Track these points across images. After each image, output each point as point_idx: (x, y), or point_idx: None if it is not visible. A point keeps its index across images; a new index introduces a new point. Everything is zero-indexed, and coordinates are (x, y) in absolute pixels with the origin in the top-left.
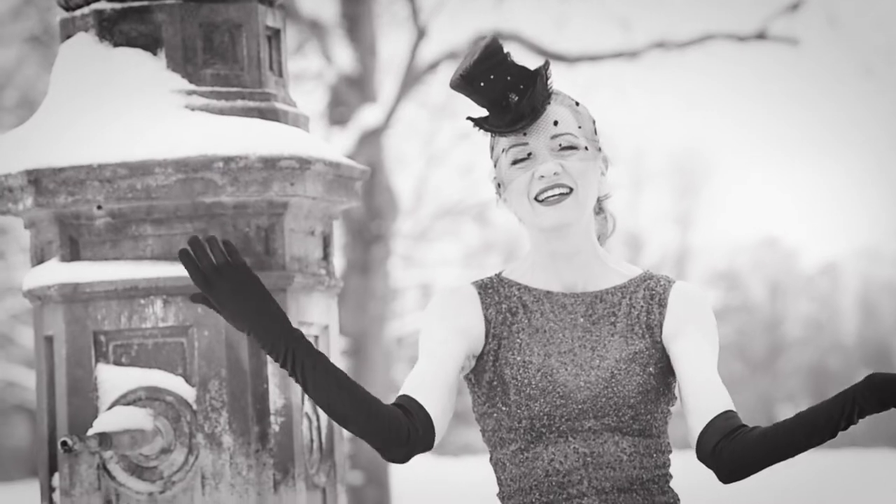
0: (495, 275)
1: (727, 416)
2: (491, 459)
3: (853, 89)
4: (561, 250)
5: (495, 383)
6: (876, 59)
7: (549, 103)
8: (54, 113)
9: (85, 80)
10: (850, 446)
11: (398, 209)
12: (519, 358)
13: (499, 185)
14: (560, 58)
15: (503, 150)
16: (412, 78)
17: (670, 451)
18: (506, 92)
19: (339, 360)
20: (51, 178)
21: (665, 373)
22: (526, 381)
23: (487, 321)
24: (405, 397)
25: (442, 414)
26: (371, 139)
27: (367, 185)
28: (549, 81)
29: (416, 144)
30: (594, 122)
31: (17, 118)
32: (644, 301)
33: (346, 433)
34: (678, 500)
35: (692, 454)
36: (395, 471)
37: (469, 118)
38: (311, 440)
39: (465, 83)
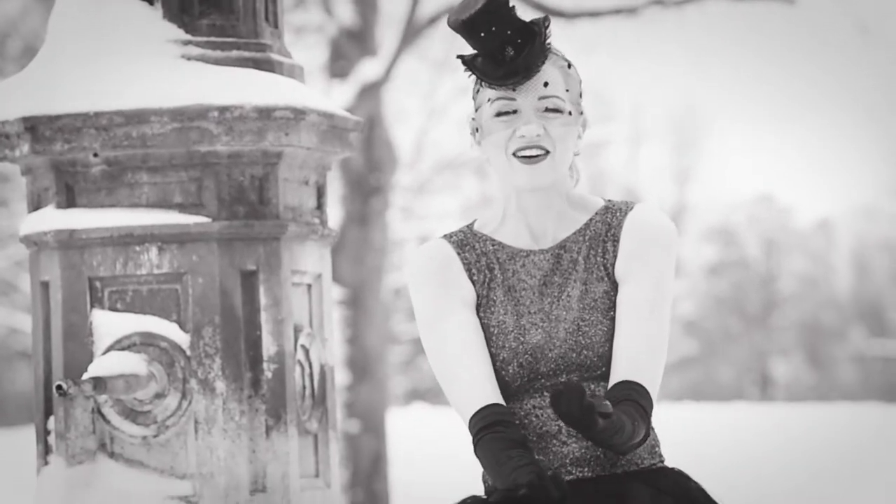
0: (467, 227)
1: (618, 387)
2: None
3: (848, 47)
4: (532, 203)
5: None
6: (871, 18)
7: (543, 63)
8: (51, 61)
9: (82, 29)
10: (842, 399)
11: (397, 162)
12: (494, 318)
13: (476, 130)
14: (559, 13)
15: (489, 100)
16: (412, 32)
17: None
18: (504, 45)
19: (333, 310)
20: (47, 125)
21: None
22: (500, 343)
23: (473, 282)
24: (497, 408)
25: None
26: (371, 92)
27: (367, 138)
28: (547, 41)
29: (416, 98)
30: (581, 83)
31: (20, 67)
32: (601, 239)
33: (338, 377)
34: (658, 442)
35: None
36: (392, 419)
37: (460, 58)
38: (304, 387)
39: (465, 29)
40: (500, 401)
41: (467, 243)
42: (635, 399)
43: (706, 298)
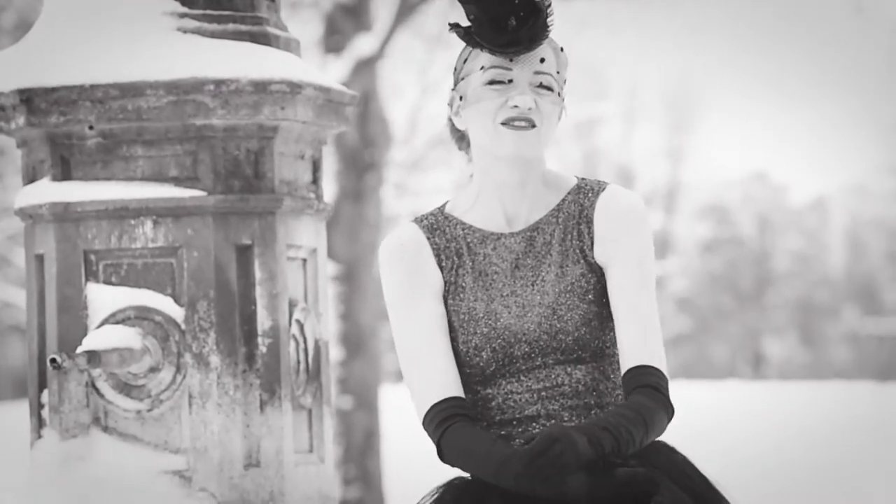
0: (439, 210)
1: (632, 374)
2: None
3: (843, 26)
4: (509, 180)
5: (448, 329)
6: None
7: (545, 38)
8: (47, 33)
9: (78, 1)
10: (835, 378)
11: (392, 138)
12: (464, 305)
13: (460, 98)
14: None
15: (482, 68)
16: (407, 7)
17: None
18: (509, 14)
19: (328, 285)
20: (43, 97)
21: (605, 292)
22: (471, 329)
23: (441, 269)
24: (459, 401)
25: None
26: (365, 68)
27: (361, 114)
28: (550, 19)
29: (410, 74)
30: (567, 70)
31: (14, 40)
32: (574, 221)
33: (332, 353)
34: None
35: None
36: (385, 396)
37: (453, 25)
38: (298, 362)
39: None
40: (462, 394)
41: (438, 227)
42: (651, 384)
43: (700, 276)
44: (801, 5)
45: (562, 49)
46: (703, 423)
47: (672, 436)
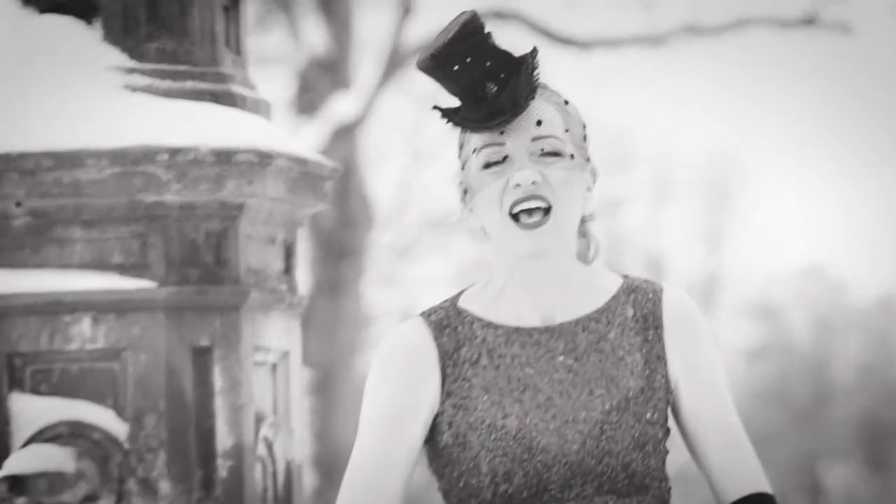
0: (451, 303)
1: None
2: None
3: None
4: (536, 274)
5: (456, 449)
6: None
7: (533, 98)
8: None
9: (5, 52)
10: None
11: (375, 218)
12: (489, 422)
13: (465, 192)
14: (570, 42)
15: (474, 150)
16: (395, 62)
17: (669, 491)
18: (483, 80)
19: (301, 396)
20: None
21: (664, 413)
22: (500, 450)
23: (444, 376)
24: None
25: None
26: (345, 134)
27: (340, 189)
28: (535, 72)
29: (398, 141)
30: (584, 126)
31: None
32: (639, 326)
33: (305, 479)
34: None
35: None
36: None
37: (436, 108)
38: (265, 489)
39: (436, 65)
40: None
41: (448, 325)
42: None
43: (744, 387)
44: (867, 59)
45: (566, 102)
46: None
47: None
